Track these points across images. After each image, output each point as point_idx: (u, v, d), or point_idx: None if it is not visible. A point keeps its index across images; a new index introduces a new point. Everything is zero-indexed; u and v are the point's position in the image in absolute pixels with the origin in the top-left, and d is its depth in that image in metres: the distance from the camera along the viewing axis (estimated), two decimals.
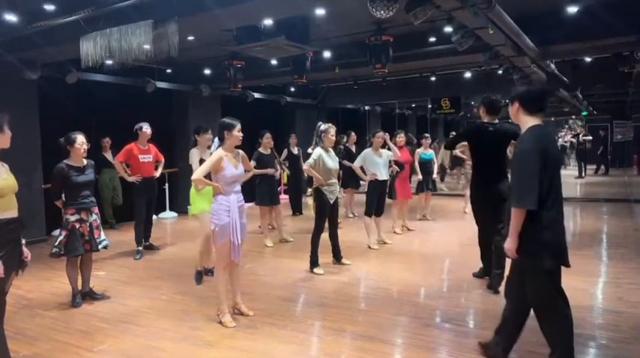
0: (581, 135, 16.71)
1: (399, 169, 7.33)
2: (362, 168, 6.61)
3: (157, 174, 6.78)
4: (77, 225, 4.46)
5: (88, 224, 4.53)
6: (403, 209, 7.88)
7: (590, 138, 16.67)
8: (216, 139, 4.63)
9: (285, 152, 9.29)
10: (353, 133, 9.28)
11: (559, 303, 2.88)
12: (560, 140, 23.43)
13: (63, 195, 4.53)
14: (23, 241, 3.19)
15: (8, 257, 2.97)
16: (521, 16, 6.41)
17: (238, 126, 3.99)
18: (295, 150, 9.37)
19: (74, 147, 4.49)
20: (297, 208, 9.81)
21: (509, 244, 2.87)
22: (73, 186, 4.46)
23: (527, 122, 2.92)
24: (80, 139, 4.51)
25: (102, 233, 4.69)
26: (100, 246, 4.63)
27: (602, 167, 17.21)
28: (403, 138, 7.62)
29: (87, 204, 4.55)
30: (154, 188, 6.77)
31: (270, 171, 6.98)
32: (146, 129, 6.51)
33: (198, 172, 3.90)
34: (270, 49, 6.58)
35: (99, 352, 3.60)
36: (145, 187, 6.51)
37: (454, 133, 14.19)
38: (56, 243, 4.45)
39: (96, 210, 4.67)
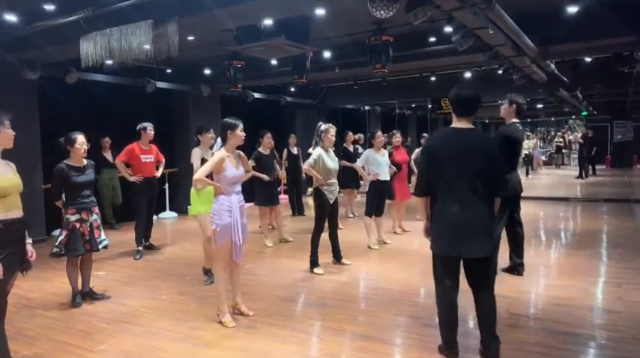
0: (578, 137, 16.69)
1: (396, 170, 7.32)
2: (363, 167, 6.63)
3: (158, 174, 6.78)
4: (78, 225, 4.46)
5: (88, 224, 4.53)
6: (401, 209, 7.87)
7: (582, 141, 16.61)
8: (219, 139, 4.63)
9: (285, 152, 9.28)
10: (350, 133, 9.25)
11: (440, 289, 3.26)
12: (554, 140, 23.57)
13: (63, 195, 4.53)
14: (30, 240, 3.19)
15: (10, 258, 2.96)
16: (521, 16, 6.41)
17: (241, 125, 4.00)
18: (295, 150, 9.36)
19: (74, 147, 4.49)
20: (297, 209, 9.78)
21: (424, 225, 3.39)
22: (73, 186, 4.46)
23: (453, 123, 3.21)
24: (80, 139, 4.51)
25: (102, 233, 4.69)
26: (100, 246, 4.63)
27: (590, 167, 16.95)
28: (399, 139, 7.63)
29: (87, 204, 4.55)
30: (155, 188, 6.78)
31: (265, 177, 6.92)
32: (150, 130, 6.53)
33: (200, 172, 3.91)
34: (270, 49, 6.57)
35: (99, 352, 3.60)
36: (145, 187, 6.52)
37: (426, 134, 14.16)
38: (57, 243, 4.45)
39: (96, 209, 4.67)
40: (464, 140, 3.13)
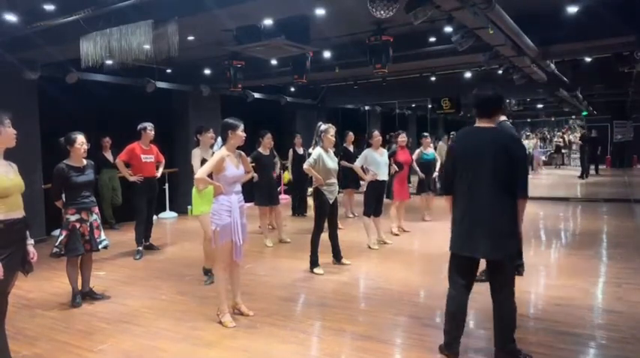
0: (577, 138, 16.68)
1: (397, 169, 7.32)
2: (362, 167, 6.62)
3: (158, 174, 6.79)
4: (77, 225, 4.46)
5: (88, 224, 4.53)
6: (401, 209, 7.86)
7: (581, 142, 16.56)
8: (219, 139, 4.63)
9: (290, 153, 9.24)
10: (351, 133, 9.22)
11: (451, 287, 3.25)
12: (554, 140, 23.62)
13: (63, 195, 4.53)
14: (31, 241, 3.19)
15: (11, 258, 2.96)
16: (521, 16, 6.41)
17: (242, 126, 4.01)
18: (301, 151, 9.30)
19: (74, 147, 4.49)
20: (300, 209, 9.74)
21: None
22: (73, 186, 4.46)
23: (476, 122, 3.25)
24: (80, 139, 4.51)
25: (102, 233, 4.69)
26: (100, 246, 4.63)
27: (592, 167, 16.73)
28: (405, 139, 7.62)
29: (87, 204, 4.55)
30: (155, 188, 6.79)
31: (255, 176, 6.77)
32: (150, 130, 6.53)
33: (200, 172, 3.91)
34: (270, 49, 6.57)
35: (99, 352, 3.60)
36: (145, 187, 6.52)
37: (454, 133, 14.18)
38: (57, 243, 4.45)
39: (96, 209, 4.67)
40: (483, 137, 3.12)
